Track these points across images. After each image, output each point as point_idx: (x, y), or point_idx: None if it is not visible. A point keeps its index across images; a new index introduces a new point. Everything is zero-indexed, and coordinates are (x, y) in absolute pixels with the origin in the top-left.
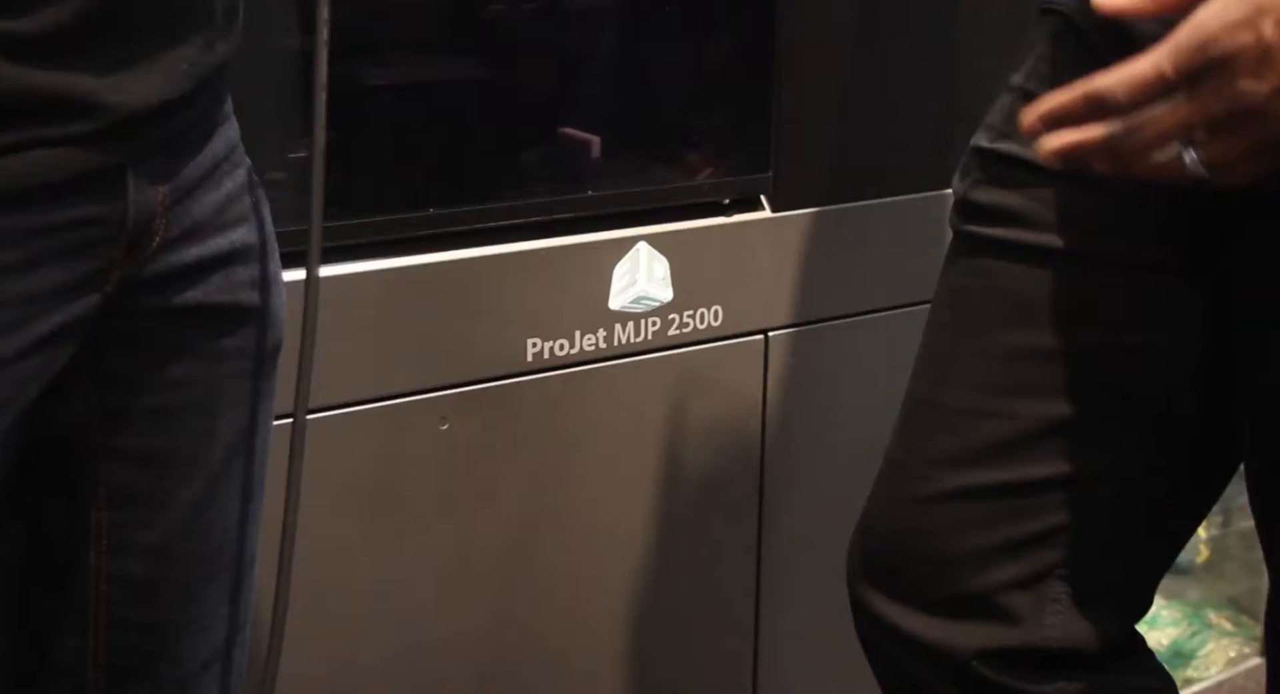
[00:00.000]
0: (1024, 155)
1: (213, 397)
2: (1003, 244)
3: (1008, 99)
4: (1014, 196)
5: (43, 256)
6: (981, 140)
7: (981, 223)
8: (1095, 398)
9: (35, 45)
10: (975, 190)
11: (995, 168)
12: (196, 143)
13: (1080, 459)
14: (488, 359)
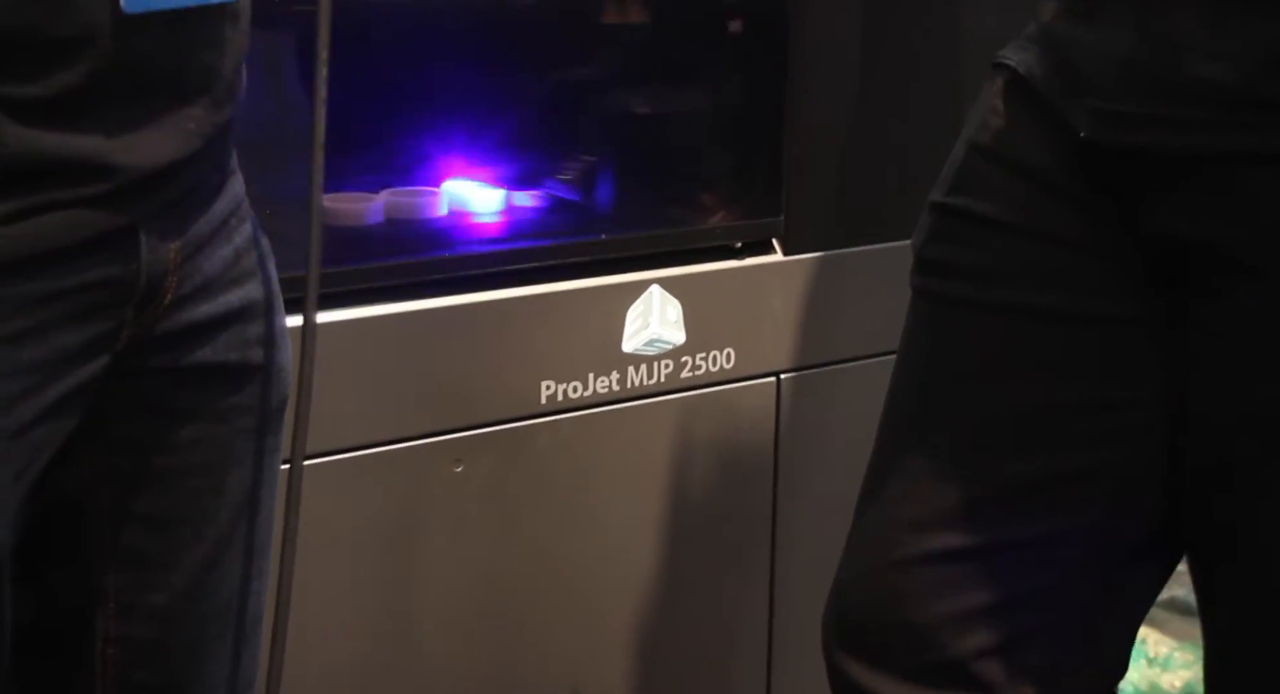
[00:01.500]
0: (975, 209)
1: (220, 456)
2: (956, 300)
3: (959, 154)
4: (969, 252)
5: (55, 322)
6: (935, 195)
7: (938, 279)
8: (1060, 456)
9: (47, 109)
10: (929, 245)
11: (948, 222)
12: (205, 199)
13: (1049, 519)
14: (502, 401)
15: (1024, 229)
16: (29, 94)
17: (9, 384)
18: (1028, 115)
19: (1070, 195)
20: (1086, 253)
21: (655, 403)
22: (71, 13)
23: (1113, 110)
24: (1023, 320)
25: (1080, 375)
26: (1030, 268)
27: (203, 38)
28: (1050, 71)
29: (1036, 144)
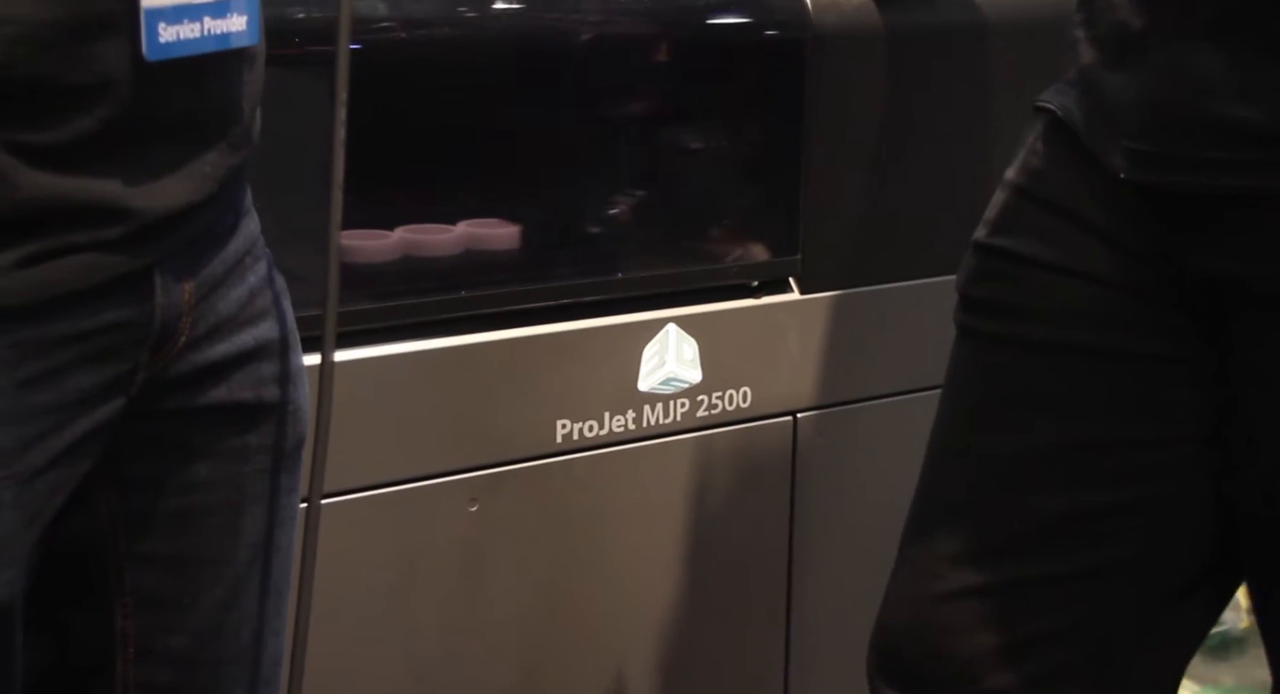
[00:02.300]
0: (1018, 250)
1: (236, 496)
2: (1000, 338)
3: (1002, 195)
4: (1011, 291)
5: (71, 364)
6: (979, 235)
7: (981, 317)
8: (1101, 492)
9: (63, 155)
10: (972, 284)
11: (991, 262)
12: (220, 240)
13: (1090, 554)
14: (517, 440)
15: (1065, 269)
16: (46, 140)
17: (23, 428)
18: (1068, 157)
19: (1110, 235)
20: (1127, 292)
21: (671, 442)
22: (90, 62)
23: (1146, 151)
24: (1064, 358)
25: (1121, 413)
26: (1071, 307)
27: (219, 81)
28: (1088, 114)
29: (1076, 185)
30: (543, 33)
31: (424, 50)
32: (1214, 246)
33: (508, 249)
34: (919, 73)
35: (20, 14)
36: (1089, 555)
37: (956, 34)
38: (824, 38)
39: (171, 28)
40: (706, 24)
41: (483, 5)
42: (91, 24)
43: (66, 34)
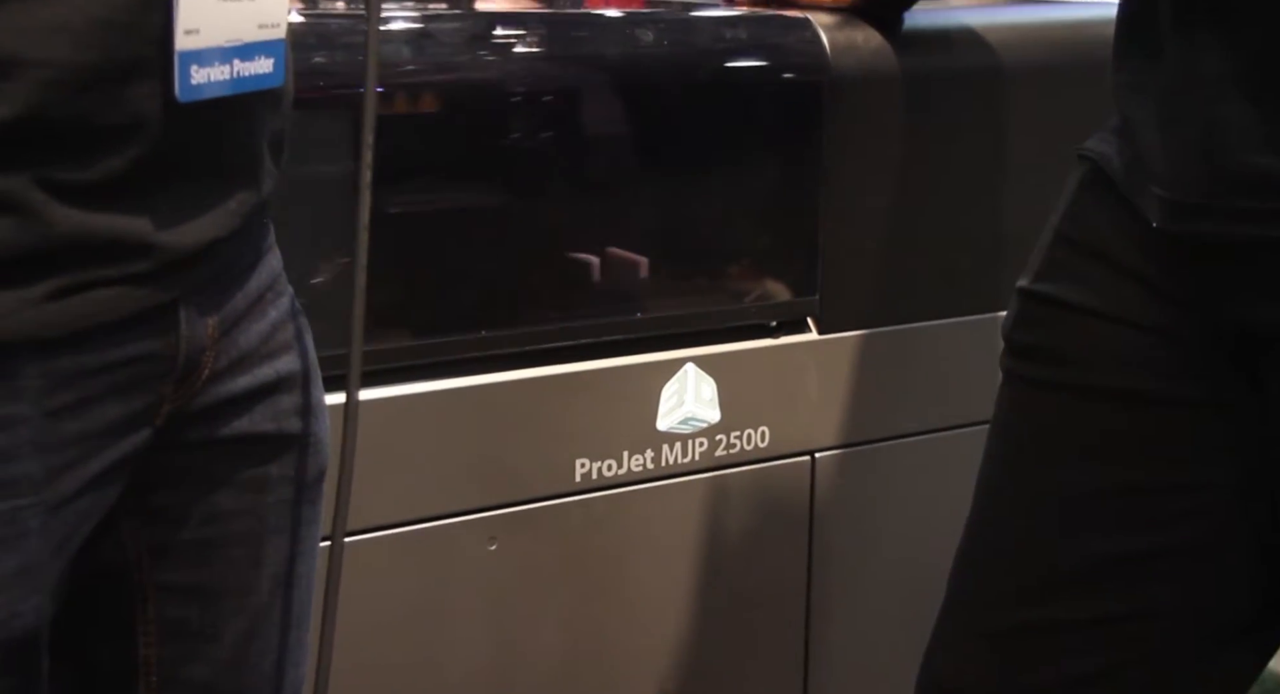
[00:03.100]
0: (1061, 295)
1: (258, 526)
2: (1044, 383)
3: (1045, 242)
4: (1054, 336)
5: (99, 395)
6: (1023, 280)
7: (1026, 362)
8: (1145, 535)
9: (94, 192)
10: (1017, 330)
11: (1034, 308)
12: (243, 275)
13: (1136, 596)
14: (536, 479)
15: (1107, 315)
16: (79, 178)
17: (52, 457)
18: (1107, 205)
19: (1150, 282)
20: (1168, 338)
21: (689, 481)
22: (123, 103)
23: (1178, 201)
24: (1106, 403)
25: (1163, 457)
26: (1114, 353)
27: (245, 122)
28: (1124, 163)
29: (1116, 233)
30: (563, 75)
31: (446, 93)
32: (1249, 293)
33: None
34: (936, 115)
35: (58, 57)
36: (1135, 597)
37: (974, 77)
38: (842, 80)
39: (203, 70)
40: (727, 67)
41: (504, 50)
42: (126, 67)
43: (102, 76)
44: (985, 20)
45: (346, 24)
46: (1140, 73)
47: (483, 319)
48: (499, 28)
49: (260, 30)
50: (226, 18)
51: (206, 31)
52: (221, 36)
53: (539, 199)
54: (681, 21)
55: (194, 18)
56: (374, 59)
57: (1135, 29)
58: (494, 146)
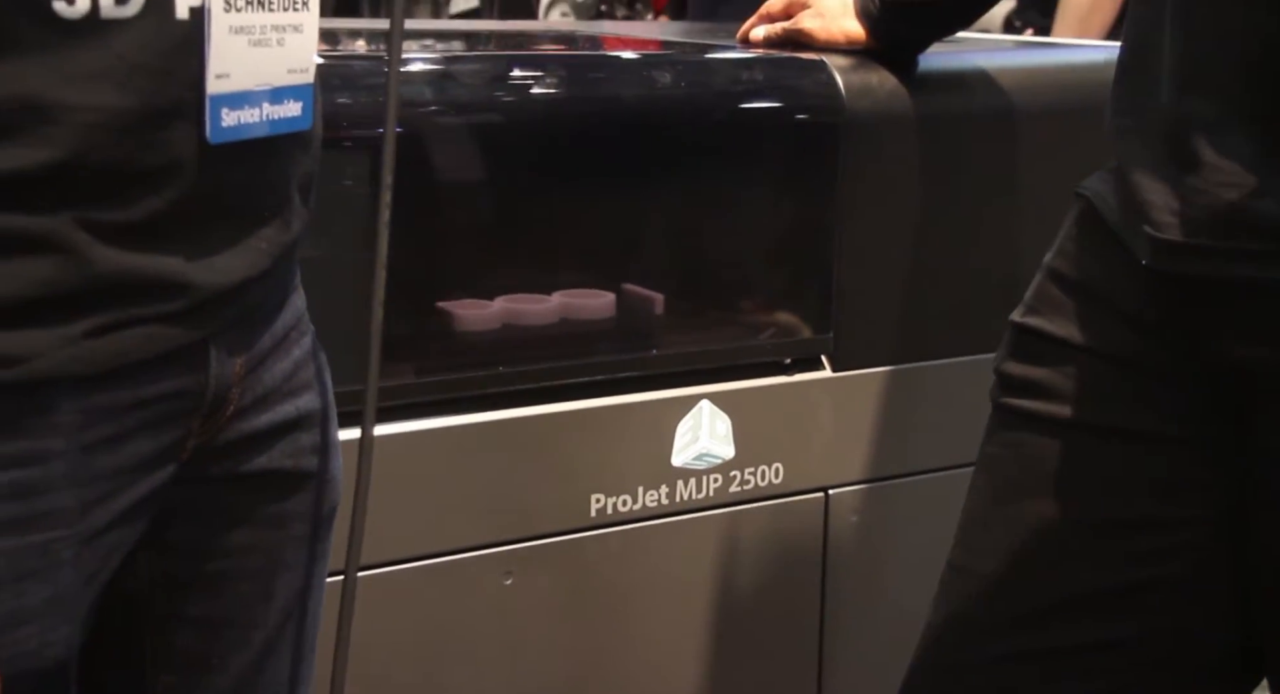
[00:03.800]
0: (1051, 331)
1: (271, 561)
2: (1032, 416)
3: (1039, 278)
4: (1041, 370)
5: (132, 430)
6: (1015, 314)
7: (1012, 394)
8: (1126, 570)
9: (133, 233)
10: (1007, 363)
11: (1026, 342)
12: (270, 314)
13: (1117, 627)
14: (552, 514)
15: (1096, 351)
16: (118, 219)
17: (85, 490)
18: (1099, 242)
19: (1138, 320)
20: (1154, 376)
21: (704, 517)
22: (162, 146)
23: (1169, 240)
24: (1091, 439)
25: (1146, 493)
26: (1100, 388)
27: (275, 163)
28: (1118, 201)
29: (1106, 270)
30: (582, 116)
31: (465, 133)
32: (1237, 333)
33: (544, 325)
34: (950, 156)
35: (100, 102)
36: (1116, 631)
37: (987, 118)
38: (857, 121)
39: (233, 113)
40: (743, 108)
41: (523, 91)
42: (165, 111)
43: (142, 121)
44: (999, 62)
45: (368, 66)
46: (1135, 115)
47: (499, 355)
48: (518, 69)
49: (290, 75)
50: (257, 62)
51: (237, 75)
52: (252, 81)
53: (557, 236)
54: (698, 63)
55: (225, 62)
56: (394, 99)
57: (1132, 72)
58: (511, 185)
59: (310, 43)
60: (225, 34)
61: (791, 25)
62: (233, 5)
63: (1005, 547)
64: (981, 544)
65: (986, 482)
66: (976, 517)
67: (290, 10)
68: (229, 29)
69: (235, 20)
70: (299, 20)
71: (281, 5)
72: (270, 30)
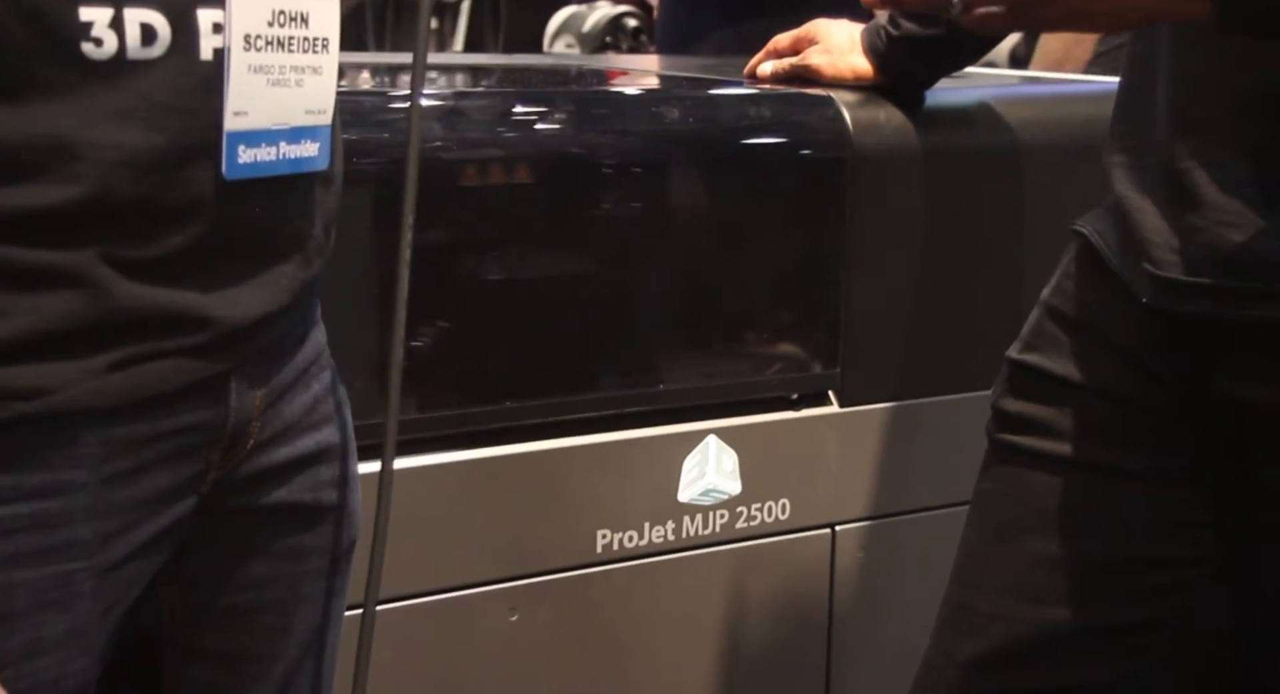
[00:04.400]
0: (1048, 367)
1: (290, 594)
2: (1029, 452)
3: (1036, 314)
4: (1038, 407)
5: (152, 463)
6: (1012, 351)
7: (1009, 431)
8: (1123, 608)
9: (156, 268)
10: (1004, 399)
11: (1023, 378)
12: (290, 348)
13: (1114, 667)
14: (558, 550)
15: (1093, 388)
16: (142, 255)
17: (105, 522)
18: (1098, 280)
19: (1137, 358)
20: (1152, 413)
21: (710, 553)
22: (185, 184)
23: (1170, 279)
24: (1088, 476)
25: (1143, 532)
26: (1096, 426)
27: (297, 201)
28: (1117, 240)
29: (1105, 308)
30: (590, 152)
31: (474, 168)
32: (1238, 371)
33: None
34: (957, 191)
35: (126, 141)
36: (1113, 668)
37: (994, 154)
38: (864, 157)
39: (250, 150)
40: (749, 144)
41: (531, 127)
42: (188, 150)
43: (166, 159)
44: (1005, 98)
45: (377, 101)
46: (1133, 152)
47: (505, 390)
48: (527, 106)
49: (307, 116)
50: (275, 102)
51: (255, 114)
52: (269, 120)
53: (564, 272)
54: (706, 99)
55: (243, 101)
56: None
57: (1129, 109)
58: (518, 222)
59: (329, 85)
60: (244, 73)
61: (799, 61)
62: (252, 45)
63: (1001, 583)
64: (978, 580)
65: (983, 518)
66: (973, 553)
67: (310, 53)
68: (248, 68)
69: (255, 60)
70: (318, 63)
71: (302, 47)
72: (289, 71)
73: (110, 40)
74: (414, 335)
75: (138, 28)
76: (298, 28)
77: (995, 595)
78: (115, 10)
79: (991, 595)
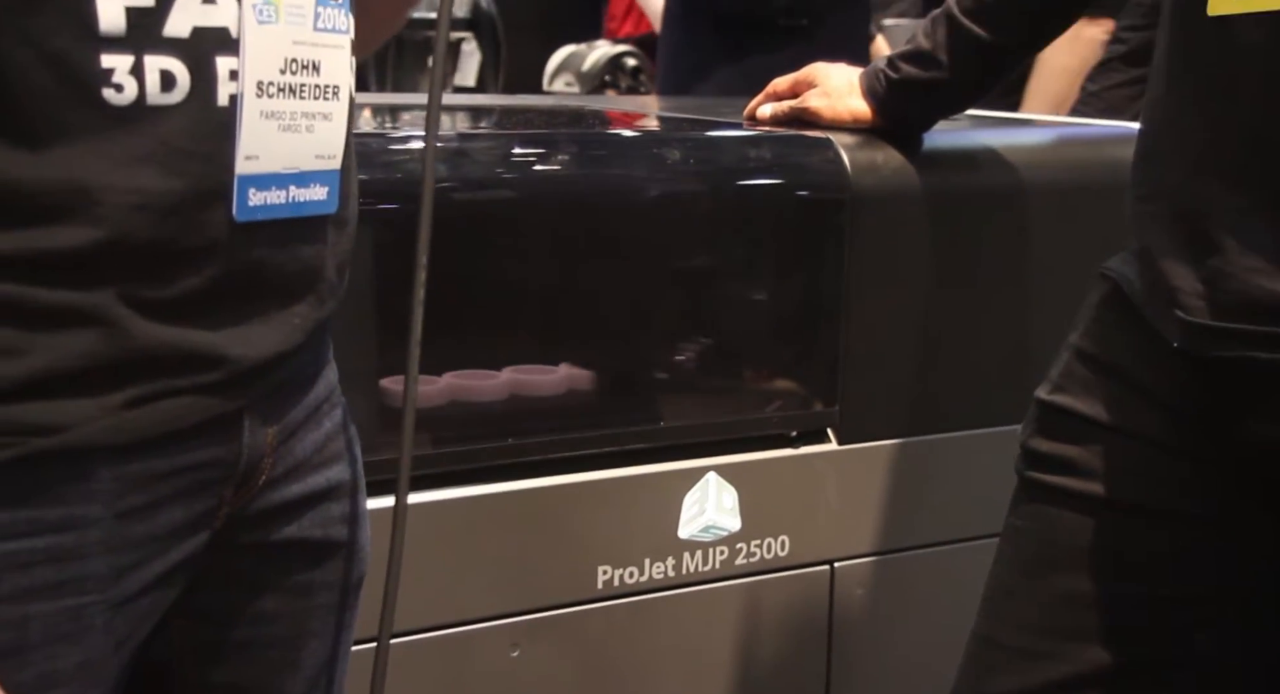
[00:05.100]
0: (1078, 409)
1: (299, 629)
2: (1057, 491)
3: (1064, 356)
4: (1068, 447)
5: (166, 499)
6: (1041, 392)
7: (1039, 470)
8: (1143, 646)
9: (172, 308)
10: (1034, 439)
11: (1052, 419)
12: (303, 386)
13: None
14: (559, 586)
15: (1121, 430)
16: (159, 295)
17: (118, 557)
18: (1125, 324)
19: (1165, 401)
20: (1180, 455)
21: (710, 589)
22: (201, 226)
23: (1200, 324)
24: (1118, 516)
25: (1173, 571)
26: (1125, 467)
27: (310, 243)
28: (1145, 285)
29: (1133, 351)
30: (591, 192)
31: (476, 208)
32: (1267, 415)
33: (552, 397)
34: (955, 232)
35: (144, 185)
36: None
37: (992, 195)
38: (863, 198)
39: (260, 193)
40: (750, 185)
41: (529, 169)
42: (205, 193)
43: (184, 202)
44: (1003, 140)
45: (379, 143)
46: (1154, 199)
47: (506, 427)
48: (531, 147)
49: (317, 160)
50: (286, 147)
51: (266, 158)
52: (279, 164)
53: (565, 309)
54: (706, 140)
55: (255, 145)
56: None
57: (1150, 155)
58: (520, 260)
59: (339, 131)
60: (256, 118)
61: (798, 104)
62: (265, 91)
63: (1030, 619)
64: (1006, 615)
65: (1013, 553)
66: (1002, 587)
67: (321, 99)
68: (260, 114)
69: (267, 106)
70: (329, 109)
71: (313, 94)
72: (300, 117)
73: (130, 86)
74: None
75: (158, 74)
76: (309, 75)
77: (1023, 631)
78: (136, 57)
79: (1019, 630)
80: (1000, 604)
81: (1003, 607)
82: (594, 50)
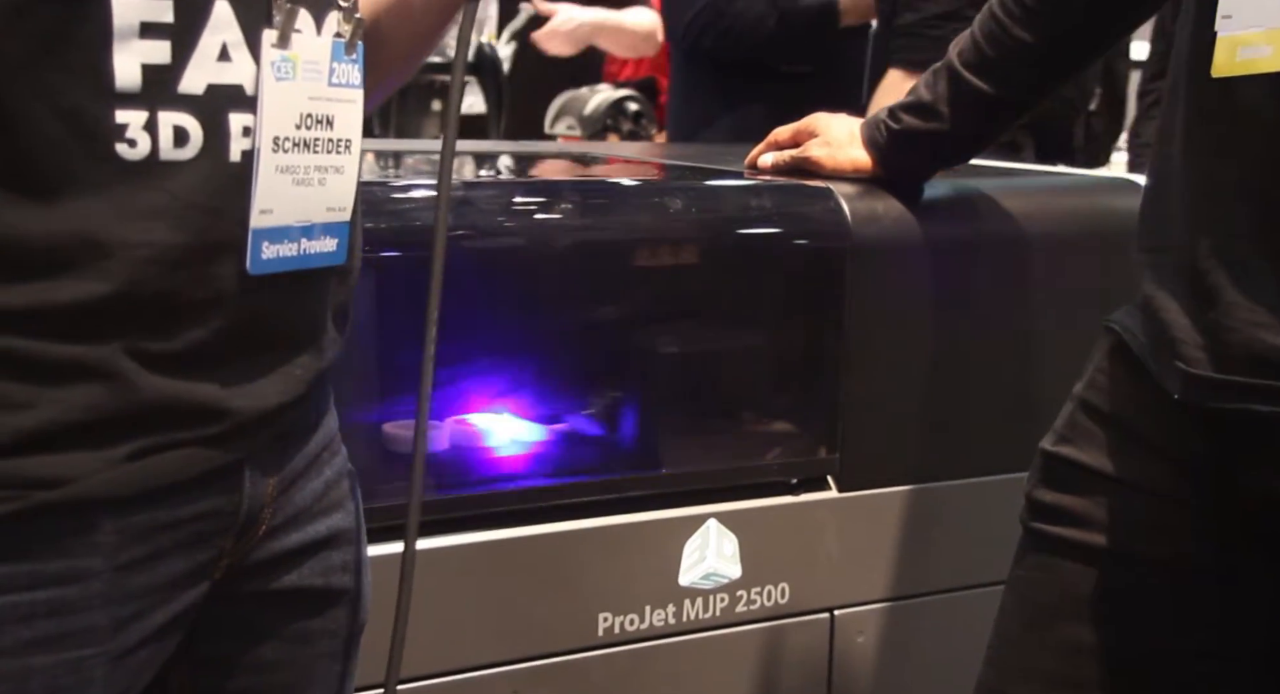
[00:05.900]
0: (1082, 460)
1: (300, 678)
2: (1062, 542)
3: (1069, 407)
4: (1071, 498)
5: (167, 550)
6: (1046, 443)
7: (1044, 520)
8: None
9: (178, 361)
10: (1038, 490)
11: (1056, 470)
12: (303, 435)
13: None
14: (559, 632)
15: (1124, 481)
16: (165, 348)
17: (119, 608)
18: (1129, 376)
19: (1169, 453)
20: (1185, 506)
21: (711, 636)
22: (208, 280)
23: (1202, 376)
24: (1125, 568)
25: (1178, 623)
26: (1129, 518)
27: (314, 294)
28: (1148, 337)
29: (1136, 403)
30: (593, 240)
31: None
32: (1266, 467)
33: (554, 443)
34: (956, 282)
35: (154, 239)
36: None
37: (992, 245)
38: (863, 248)
39: (273, 246)
40: (751, 233)
41: (530, 217)
42: (213, 247)
43: (192, 255)
44: (1002, 189)
45: (382, 192)
46: (1157, 251)
47: (507, 474)
48: (532, 196)
49: (328, 213)
50: (298, 200)
51: (279, 212)
52: (292, 217)
53: (567, 356)
54: (708, 190)
55: (269, 200)
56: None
57: (1153, 208)
58: (522, 307)
59: (350, 184)
60: (271, 173)
61: (799, 153)
62: (280, 147)
63: (1035, 669)
64: (1011, 666)
65: (1018, 604)
66: (1007, 638)
67: (334, 153)
68: (275, 169)
69: (282, 161)
70: (341, 163)
71: (326, 148)
72: (313, 171)
73: (144, 142)
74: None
75: (171, 130)
76: (323, 130)
77: (1029, 681)
78: (150, 113)
79: (1025, 681)
80: (1005, 655)
81: (1008, 657)
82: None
